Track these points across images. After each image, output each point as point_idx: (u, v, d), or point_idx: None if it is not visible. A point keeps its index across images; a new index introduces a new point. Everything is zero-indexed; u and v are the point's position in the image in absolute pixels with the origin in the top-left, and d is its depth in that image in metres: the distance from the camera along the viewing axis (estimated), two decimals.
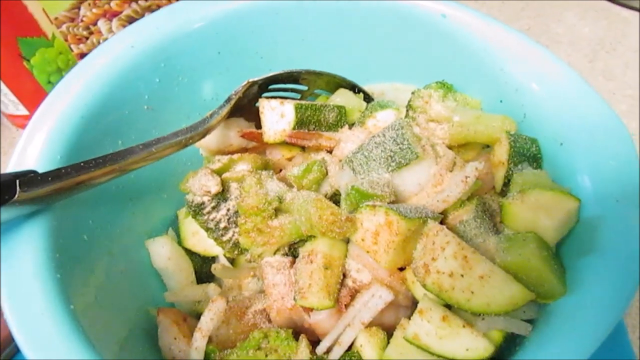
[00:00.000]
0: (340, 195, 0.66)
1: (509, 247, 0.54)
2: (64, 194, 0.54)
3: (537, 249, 0.52)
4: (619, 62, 1.11)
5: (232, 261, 0.72)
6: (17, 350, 0.76)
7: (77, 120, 0.63)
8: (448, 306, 0.53)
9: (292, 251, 0.66)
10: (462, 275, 0.50)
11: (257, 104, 0.75)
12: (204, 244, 0.71)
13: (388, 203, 0.59)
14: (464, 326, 0.50)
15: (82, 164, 0.54)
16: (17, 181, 0.49)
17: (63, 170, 0.53)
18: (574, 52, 1.14)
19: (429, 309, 0.51)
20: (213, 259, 0.74)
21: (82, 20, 0.93)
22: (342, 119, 0.75)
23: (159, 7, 0.95)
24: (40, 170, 0.53)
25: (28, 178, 0.50)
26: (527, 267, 0.52)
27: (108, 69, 0.67)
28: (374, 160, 0.61)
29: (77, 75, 0.66)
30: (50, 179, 0.51)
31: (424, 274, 0.52)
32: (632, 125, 1.00)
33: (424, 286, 0.52)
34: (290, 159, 0.76)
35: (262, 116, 0.71)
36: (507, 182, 0.64)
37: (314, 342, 0.60)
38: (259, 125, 0.75)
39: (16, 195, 0.48)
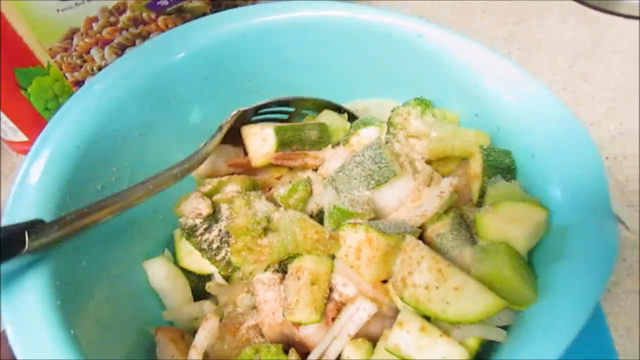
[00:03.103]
0: None
1: (483, 257, 0.57)
2: (69, 239, 0.57)
3: (508, 259, 0.55)
4: (599, 65, 1.14)
5: (227, 278, 0.75)
6: None
7: (73, 151, 0.66)
8: (427, 317, 0.56)
9: (283, 267, 0.69)
10: (437, 287, 0.53)
11: None
12: (199, 263, 0.74)
13: (369, 220, 0.62)
14: (441, 335, 0.53)
15: (85, 210, 0.57)
16: (26, 232, 0.52)
17: (68, 218, 0.56)
18: (555, 57, 1.16)
19: (408, 320, 0.54)
20: (209, 277, 0.77)
21: (75, 50, 0.96)
22: (324, 136, 0.78)
23: (149, 33, 0.98)
24: (43, 209, 0.57)
25: (36, 228, 0.53)
26: (500, 276, 0.54)
27: (102, 99, 0.70)
28: (355, 179, 0.65)
29: (73, 105, 0.69)
30: (57, 227, 0.55)
31: (401, 287, 0.55)
32: (611, 125, 1.02)
33: (402, 299, 0.55)
34: (279, 178, 0.79)
35: (246, 143, 0.74)
36: (483, 194, 0.67)
37: (306, 354, 0.63)
38: None
39: (26, 247, 0.52)
